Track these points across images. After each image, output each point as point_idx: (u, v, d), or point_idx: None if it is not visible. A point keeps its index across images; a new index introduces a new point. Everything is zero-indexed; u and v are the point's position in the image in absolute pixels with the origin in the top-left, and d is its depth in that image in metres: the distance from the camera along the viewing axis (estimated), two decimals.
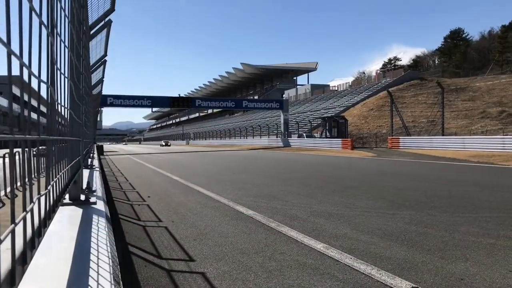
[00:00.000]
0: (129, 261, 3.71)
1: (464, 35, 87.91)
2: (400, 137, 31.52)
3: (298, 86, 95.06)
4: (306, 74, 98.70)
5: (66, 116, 2.41)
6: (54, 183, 1.69)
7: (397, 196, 7.50)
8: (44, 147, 1.59)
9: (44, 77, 1.38)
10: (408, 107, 45.31)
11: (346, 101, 61.98)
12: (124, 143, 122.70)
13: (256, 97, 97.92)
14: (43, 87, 1.39)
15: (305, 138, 43.38)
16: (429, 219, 5.35)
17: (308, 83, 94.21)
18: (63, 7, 1.78)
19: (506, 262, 3.51)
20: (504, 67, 66.84)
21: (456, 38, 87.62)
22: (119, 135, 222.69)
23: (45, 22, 1.32)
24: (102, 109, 41.19)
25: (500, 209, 6.00)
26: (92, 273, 1.45)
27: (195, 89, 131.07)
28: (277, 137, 51.64)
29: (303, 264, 3.52)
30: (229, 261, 3.66)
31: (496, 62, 71.85)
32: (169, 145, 74.06)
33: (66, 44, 2.01)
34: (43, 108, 1.63)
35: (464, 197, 7.25)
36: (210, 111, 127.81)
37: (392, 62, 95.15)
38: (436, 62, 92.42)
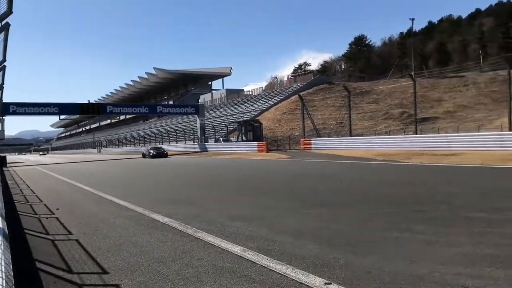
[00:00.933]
0: (36, 278, 3.46)
1: (367, 42, 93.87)
2: (312, 139, 32.74)
3: (213, 91, 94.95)
4: (221, 79, 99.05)
5: None
6: None
7: (310, 196, 7.80)
8: None
9: None
10: (318, 110, 47.24)
11: (260, 105, 63.15)
12: (41, 153, 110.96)
13: (171, 102, 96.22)
14: None
15: (222, 143, 43.50)
16: (340, 217, 5.63)
17: (223, 87, 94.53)
18: None
19: (409, 253, 3.79)
20: (404, 71, 72.27)
21: (360, 44, 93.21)
22: (25, 144, 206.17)
23: None
24: (4, 118, 37.79)
25: (402, 204, 6.49)
26: None
27: (106, 95, 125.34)
28: (193, 142, 51.13)
29: (221, 269, 3.53)
30: (145, 271, 3.57)
31: (396, 67, 77.66)
32: (166, 153, 37.17)
33: None
34: None
35: (371, 194, 7.74)
36: (122, 117, 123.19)
37: (303, 67, 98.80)
38: (343, 67, 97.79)
